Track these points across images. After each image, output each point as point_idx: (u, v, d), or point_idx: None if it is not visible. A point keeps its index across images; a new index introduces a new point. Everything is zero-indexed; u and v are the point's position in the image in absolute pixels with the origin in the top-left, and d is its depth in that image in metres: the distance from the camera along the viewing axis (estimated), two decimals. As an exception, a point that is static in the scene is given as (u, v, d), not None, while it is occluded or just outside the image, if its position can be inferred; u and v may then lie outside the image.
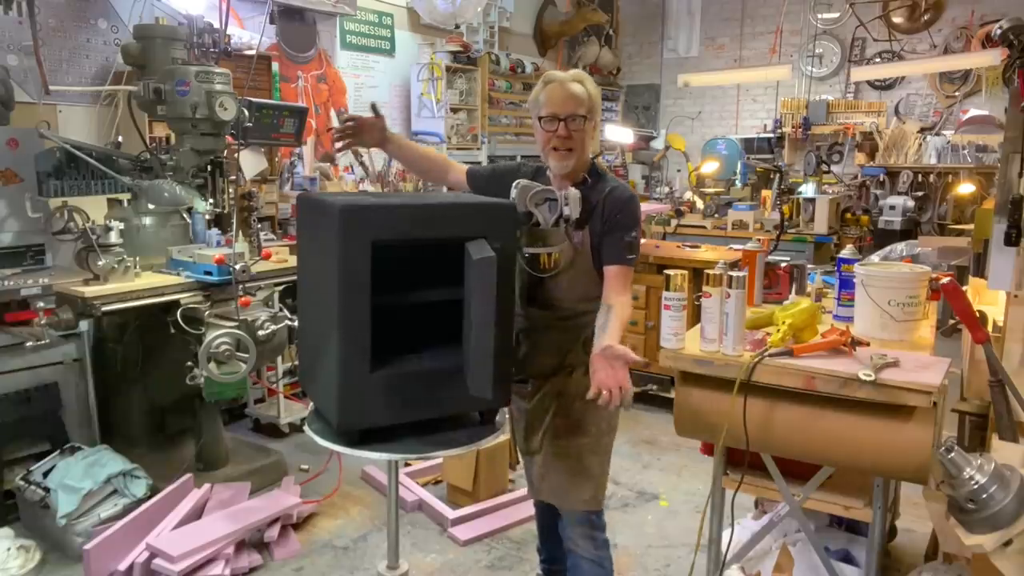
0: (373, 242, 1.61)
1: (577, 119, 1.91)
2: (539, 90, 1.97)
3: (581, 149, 1.94)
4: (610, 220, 1.92)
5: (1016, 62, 2.32)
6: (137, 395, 3.27)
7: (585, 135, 1.93)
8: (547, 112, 1.92)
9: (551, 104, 1.92)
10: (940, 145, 6.40)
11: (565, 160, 1.93)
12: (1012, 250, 2.34)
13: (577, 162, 1.94)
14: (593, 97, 1.94)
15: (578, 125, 1.91)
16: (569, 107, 1.90)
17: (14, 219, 3.09)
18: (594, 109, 1.95)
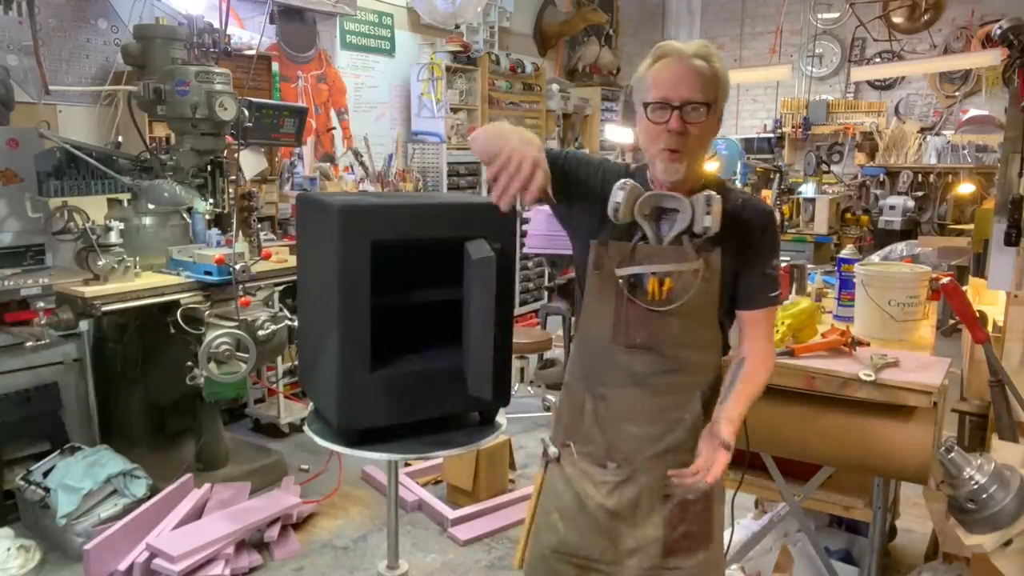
0: (373, 242, 1.61)
1: (697, 108, 1.37)
2: (646, 66, 1.42)
3: (698, 150, 1.43)
4: (749, 244, 1.45)
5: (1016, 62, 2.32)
6: (137, 395, 3.27)
7: (706, 131, 1.41)
8: (655, 96, 1.38)
9: (661, 85, 1.38)
10: (940, 145, 6.40)
11: (674, 163, 1.40)
12: (1012, 250, 2.35)
13: (689, 169, 1.42)
14: (720, 78, 1.40)
15: (697, 116, 1.37)
16: (684, 90, 1.36)
17: (14, 219, 3.09)
18: (720, 95, 1.41)
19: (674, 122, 1.37)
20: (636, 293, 1.46)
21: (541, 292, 6.29)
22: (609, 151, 7.51)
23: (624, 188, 1.42)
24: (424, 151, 5.59)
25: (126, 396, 3.29)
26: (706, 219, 1.38)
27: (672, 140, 1.38)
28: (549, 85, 6.70)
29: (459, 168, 5.66)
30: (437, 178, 5.53)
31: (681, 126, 1.37)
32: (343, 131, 5.28)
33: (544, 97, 6.56)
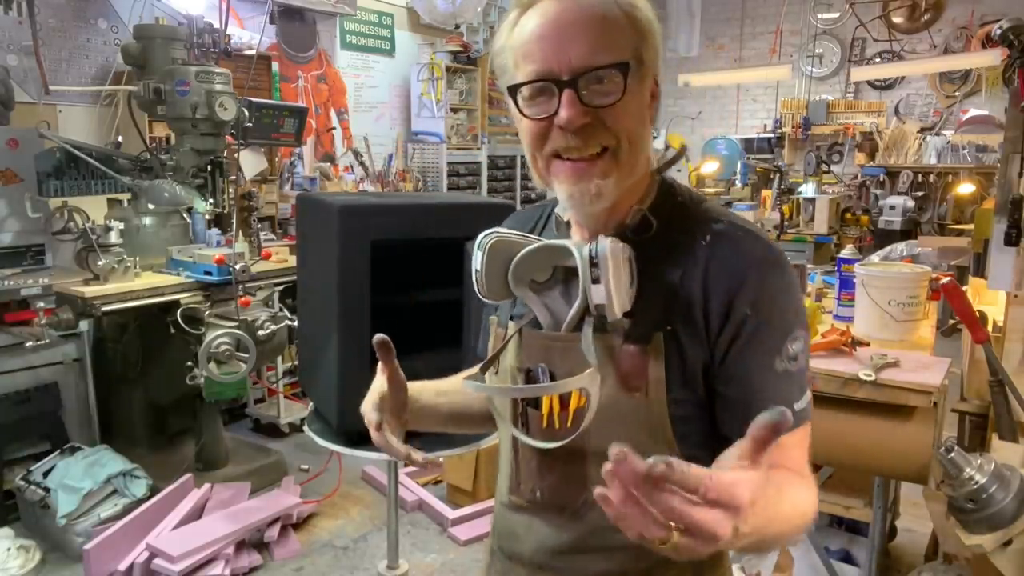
0: (373, 242, 1.61)
1: (606, 76, 0.82)
2: (507, 30, 0.88)
3: (628, 149, 0.86)
4: (728, 321, 0.85)
5: (1016, 62, 2.32)
6: (137, 395, 3.27)
7: (632, 112, 0.85)
8: (529, 72, 0.84)
9: (534, 51, 0.84)
10: (940, 145, 6.41)
11: (583, 181, 0.85)
12: (1012, 250, 2.35)
13: (617, 187, 0.86)
14: (638, 17, 0.86)
15: (607, 89, 0.83)
16: (575, 48, 0.82)
17: (14, 219, 3.09)
18: (644, 45, 0.86)
19: (567, 109, 0.81)
20: (529, 418, 0.94)
21: (541, 292, 6.28)
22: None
23: (483, 246, 0.91)
24: (424, 151, 5.59)
25: (126, 396, 3.29)
26: (594, 290, 0.83)
27: (573, 140, 0.83)
28: (549, 85, 6.69)
29: (459, 168, 5.66)
30: (437, 178, 5.53)
31: (581, 112, 0.81)
32: (343, 131, 5.29)
33: (544, 97, 6.56)
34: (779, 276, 0.87)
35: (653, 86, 0.91)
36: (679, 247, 0.88)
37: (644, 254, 0.87)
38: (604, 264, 0.83)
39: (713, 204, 0.95)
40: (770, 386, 0.84)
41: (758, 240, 0.88)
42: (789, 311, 0.87)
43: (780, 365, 0.84)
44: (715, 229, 0.88)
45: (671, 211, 0.91)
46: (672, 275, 0.87)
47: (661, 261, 0.88)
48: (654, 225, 0.90)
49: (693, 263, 0.86)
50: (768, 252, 0.87)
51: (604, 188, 0.85)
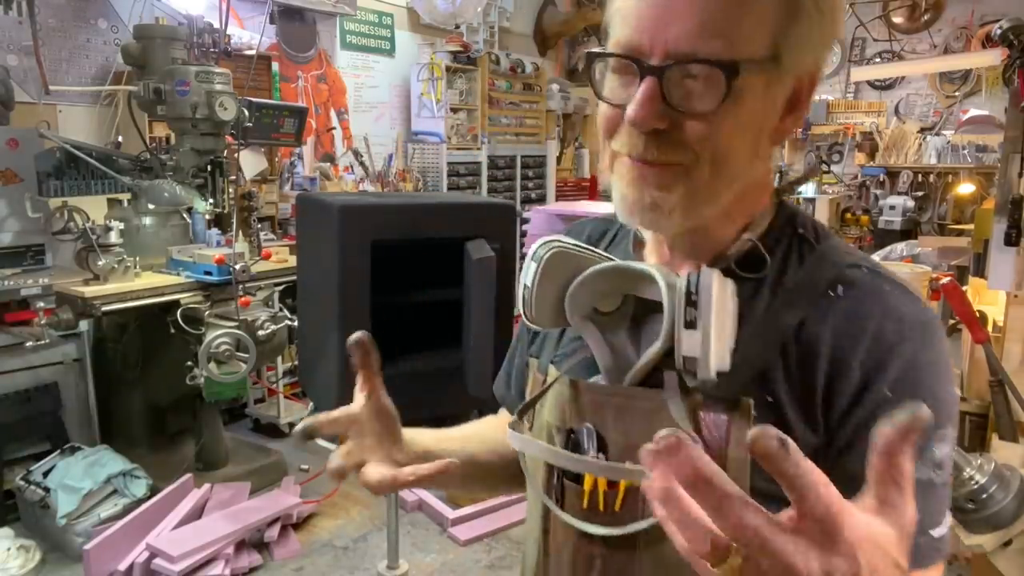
0: (373, 242, 1.61)
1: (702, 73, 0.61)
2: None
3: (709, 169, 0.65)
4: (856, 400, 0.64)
5: (1016, 62, 2.32)
6: (137, 395, 3.27)
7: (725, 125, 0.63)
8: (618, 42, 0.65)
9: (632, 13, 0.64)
10: (940, 145, 6.41)
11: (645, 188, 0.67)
12: (1012, 250, 2.35)
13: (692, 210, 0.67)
14: (795, 5, 0.62)
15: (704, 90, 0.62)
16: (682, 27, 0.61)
17: (14, 219, 3.09)
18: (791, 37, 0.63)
19: (640, 106, 0.62)
20: (565, 491, 0.74)
21: (541, 292, 6.28)
22: (609, 151, 7.52)
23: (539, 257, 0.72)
24: (424, 151, 5.59)
25: (126, 396, 3.29)
26: (686, 337, 0.63)
27: (639, 145, 0.65)
28: (549, 85, 6.70)
29: (459, 168, 5.66)
30: (437, 178, 5.53)
31: (656, 115, 0.63)
32: (343, 131, 5.28)
33: (544, 97, 6.56)
34: (933, 351, 0.66)
35: (798, 93, 0.67)
36: (797, 293, 0.68)
37: (747, 296, 0.68)
38: (706, 303, 0.62)
39: (843, 242, 0.73)
40: None
41: (909, 298, 0.66)
42: (941, 397, 0.65)
43: (922, 472, 0.61)
44: (851, 276, 0.67)
45: (789, 245, 0.71)
46: (783, 328, 0.66)
47: (769, 308, 0.68)
48: (768, 261, 0.69)
49: (817, 317, 0.66)
50: (923, 316, 0.66)
51: (662, 202, 0.66)
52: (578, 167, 7.25)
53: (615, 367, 0.72)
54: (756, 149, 0.67)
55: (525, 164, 6.31)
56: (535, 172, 6.44)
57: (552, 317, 0.74)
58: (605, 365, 0.73)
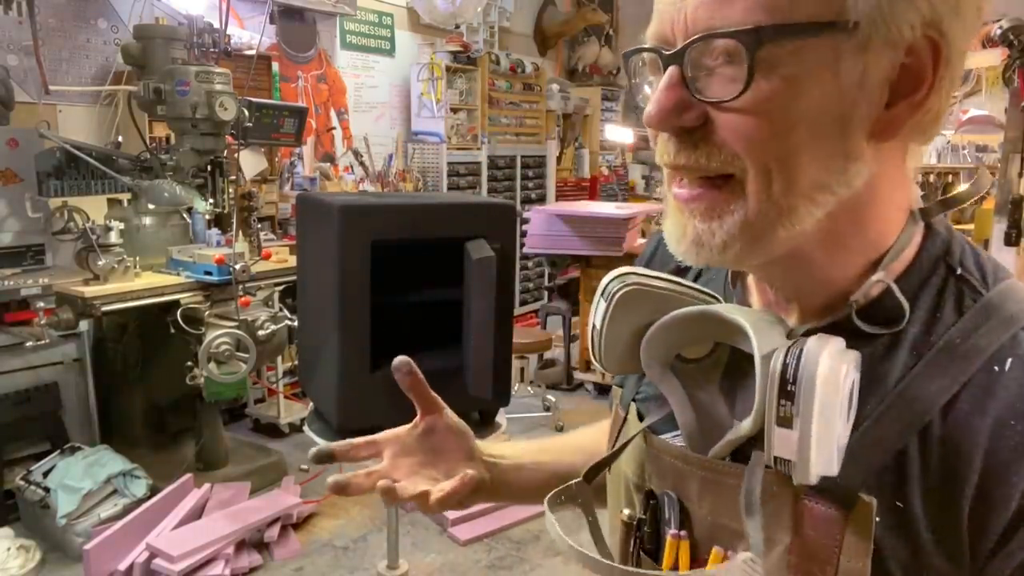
0: (373, 242, 1.61)
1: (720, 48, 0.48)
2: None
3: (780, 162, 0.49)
4: (998, 510, 0.46)
5: (1016, 62, 2.33)
6: (137, 395, 3.27)
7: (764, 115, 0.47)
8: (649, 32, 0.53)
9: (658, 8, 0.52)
10: (940, 145, 6.41)
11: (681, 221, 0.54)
12: (1012, 250, 2.35)
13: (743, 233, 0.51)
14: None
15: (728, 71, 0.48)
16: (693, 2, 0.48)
17: (14, 219, 3.09)
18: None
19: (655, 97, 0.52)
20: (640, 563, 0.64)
21: (541, 292, 6.29)
22: (609, 151, 7.52)
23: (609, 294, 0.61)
24: (424, 151, 5.59)
25: (126, 396, 3.29)
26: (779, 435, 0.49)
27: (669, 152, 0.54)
28: (549, 85, 6.70)
29: (459, 168, 5.66)
30: (437, 178, 5.53)
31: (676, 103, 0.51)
32: (343, 131, 5.28)
33: (544, 97, 6.56)
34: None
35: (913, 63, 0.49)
36: (950, 358, 0.51)
37: (877, 358, 0.53)
38: (807, 398, 0.47)
39: (1017, 283, 0.54)
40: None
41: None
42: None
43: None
44: (1020, 344, 0.50)
45: (942, 290, 0.54)
46: (926, 407, 0.50)
47: (908, 377, 0.51)
48: (906, 313, 0.53)
49: (973, 396, 0.49)
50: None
51: (707, 237, 0.52)
52: (578, 167, 7.25)
53: (699, 430, 0.59)
54: (843, 148, 0.50)
55: (525, 164, 6.31)
56: (535, 172, 6.44)
57: (625, 363, 0.62)
58: (687, 427, 0.60)
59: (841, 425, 0.48)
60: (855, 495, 0.50)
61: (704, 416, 0.59)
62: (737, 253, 0.52)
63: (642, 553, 0.64)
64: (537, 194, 6.43)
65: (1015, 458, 0.47)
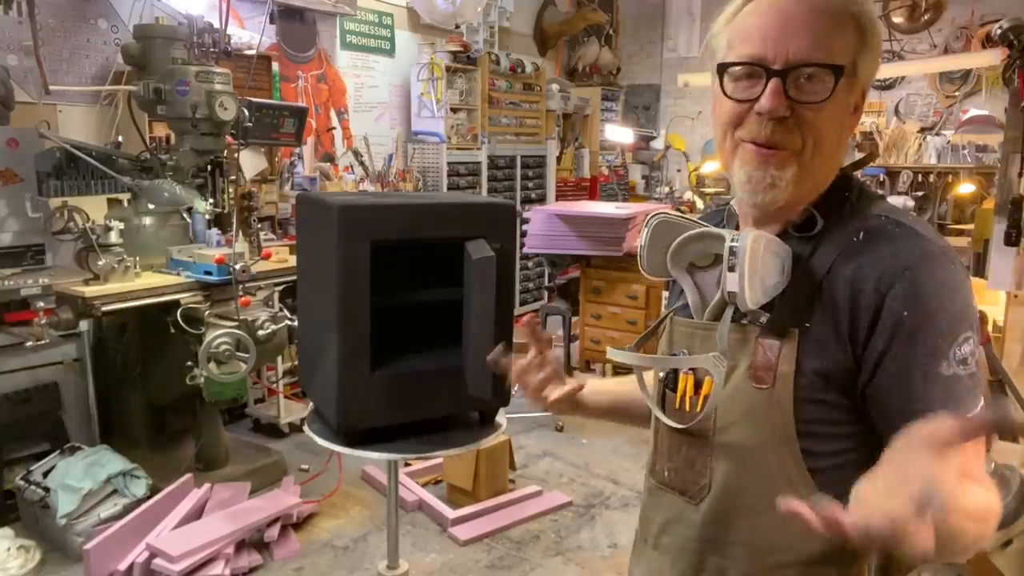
0: (373, 242, 1.61)
1: (817, 75, 0.84)
2: (730, 13, 0.92)
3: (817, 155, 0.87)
4: (875, 322, 0.82)
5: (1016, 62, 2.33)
6: (137, 395, 3.27)
7: (832, 119, 0.87)
8: (741, 53, 0.87)
9: (752, 35, 0.86)
10: (940, 145, 6.40)
11: (766, 168, 0.87)
12: (1012, 250, 2.35)
13: (798, 187, 0.88)
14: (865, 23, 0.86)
15: (816, 88, 0.84)
16: (794, 42, 0.84)
17: (14, 219, 3.09)
18: (862, 53, 0.87)
19: (770, 98, 0.83)
20: (665, 399, 0.99)
21: (541, 292, 6.29)
22: (609, 151, 7.52)
23: (649, 225, 0.99)
24: (424, 151, 5.59)
25: (126, 396, 3.29)
26: (729, 277, 0.87)
27: (766, 129, 0.85)
28: (549, 85, 6.70)
29: (459, 168, 5.66)
30: (437, 178, 5.53)
31: (784, 105, 0.83)
32: (343, 131, 5.28)
33: (544, 97, 6.56)
34: (940, 271, 0.82)
35: (859, 99, 0.90)
36: (833, 243, 0.87)
37: (805, 252, 0.89)
38: (742, 253, 0.85)
39: (884, 201, 0.92)
40: (938, 392, 0.80)
41: (914, 234, 0.84)
42: (954, 309, 0.81)
43: (948, 369, 0.80)
44: (869, 224, 0.86)
45: (839, 207, 0.90)
46: (819, 271, 0.86)
47: (814, 258, 0.88)
48: (818, 223, 0.89)
49: (842, 260, 0.85)
50: (925, 246, 0.83)
51: (779, 180, 0.87)
52: (578, 167, 7.25)
53: (701, 306, 0.98)
54: (841, 139, 0.89)
55: (525, 164, 6.31)
56: (535, 172, 6.44)
57: (659, 270, 1.00)
58: (693, 303, 0.98)
59: (764, 272, 0.86)
60: (786, 328, 0.86)
61: (703, 297, 0.98)
62: (790, 192, 0.88)
63: (667, 391, 0.99)
64: (537, 194, 6.43)
65: (867, 283, 0.82)
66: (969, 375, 0.81)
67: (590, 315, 4.62)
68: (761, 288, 0.86)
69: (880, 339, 0.82)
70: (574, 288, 4.77)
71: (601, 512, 3.21)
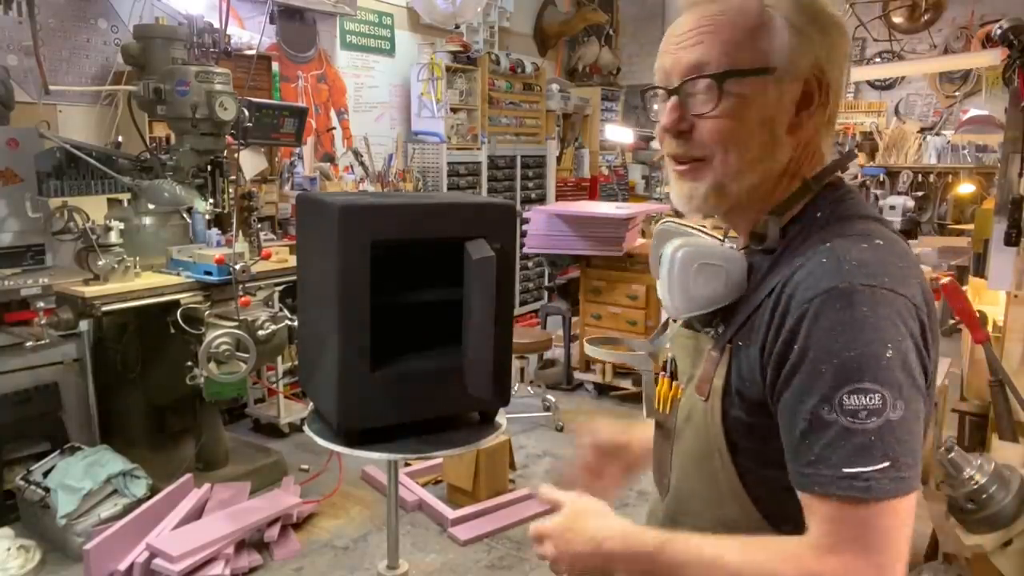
0: (373, 242, 1.61)
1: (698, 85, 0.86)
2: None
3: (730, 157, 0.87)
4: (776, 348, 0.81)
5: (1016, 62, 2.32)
6: (137, 395, 3.27)
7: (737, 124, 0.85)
8: (654, 76, 0.93)
9: (662, 57, 0.91)
10: (940, 145, 6.41)
11: (682, 180, 0.91)
12: (1012, 250, 2.35)
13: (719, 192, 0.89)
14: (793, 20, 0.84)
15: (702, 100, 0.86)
16: (680, 57, 0.88)
17: (14, 219, 3.09)
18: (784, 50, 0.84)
19: (665, 115, 0.89)
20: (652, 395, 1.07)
21: (541, 292, 6.29)
22: (609, 151, 7.52)
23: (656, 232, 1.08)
24: (424, 151, 5.59)
25: (126, 396, 3.29)
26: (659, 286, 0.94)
27: (671, 145, 0.90)
28: (549, 85, 6.70)
29: (459, 168, 5.66)
30: (437, 178, 5.53)
31: (679, 119, 0.87)
32: (343, 131, 5.29)
33: (544, 97, 6.56)
34: (842, 312, 0.76)
35: (812, 87, 0.86)
36: (786, 264, 0.84)
37: (762, 266, 0.88)
38: (665, 263, 0.90)
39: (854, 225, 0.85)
40: (816, 434, 0.76)
41: (838, 268, 0.78)
42: (846, 356, 0.75)
43: (829, 414, 0.75)
44: (814, 251, 0.82)
45: (807, 226, 0.87)
46: (762, 293, 0.85)
47: (770, 276, 0.86)
48: (770, 238, 0.88)
49: (784, 283, 0.82)
50: (841, 285, 0.76)
51: (694, 191, 0.90)
52: (578, 167, 7.25)
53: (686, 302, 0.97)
54: (773, 139, 0.87)
55: (525, 164, 6.31)
56: (535, 172, 6.44)
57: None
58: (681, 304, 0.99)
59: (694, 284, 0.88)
60: (725, 343, 0.88)
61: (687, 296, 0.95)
62: (713, 201, 0.90)
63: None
64: (537, 194, 6.42)
65: (789, 316, 0.79)
66: (861, 429, 0.73)
67: (590, 315, 4.62)
68: (684, 299, 0.89)
69: (776, 367, 0.80)
70: (574, 288, 4.77)
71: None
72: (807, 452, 0.76)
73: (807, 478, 0.76)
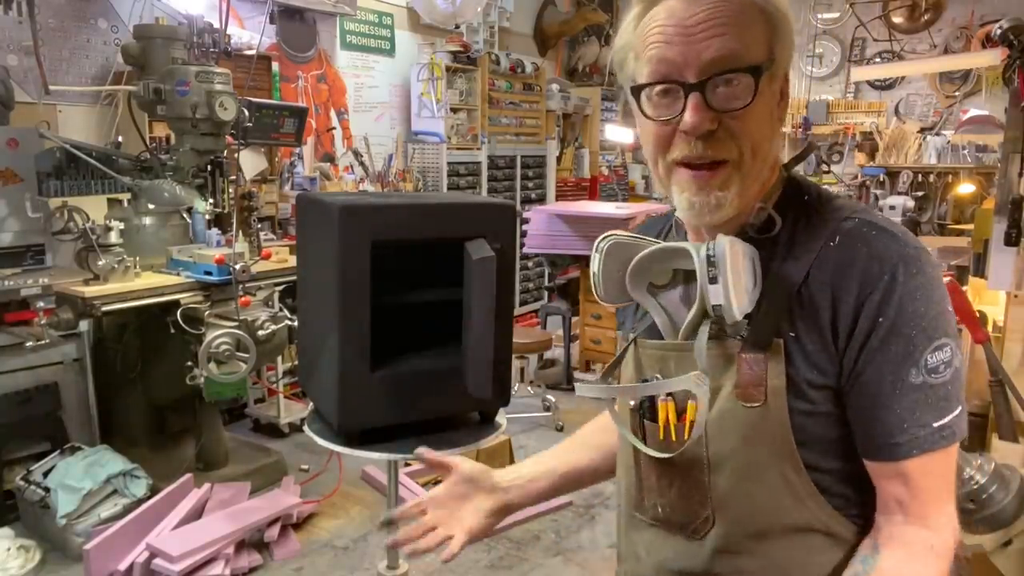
0: (373, 242, 1.61)
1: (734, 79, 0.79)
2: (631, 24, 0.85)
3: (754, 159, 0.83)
4: (855, 327, 0.80)
5: (1016, 62, 2.33)
6: (137, 395, 3.27)
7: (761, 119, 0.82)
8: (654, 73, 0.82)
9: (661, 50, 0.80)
10: (940, 145, 6.41)
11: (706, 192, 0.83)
12: (1012, 250, 2.35)
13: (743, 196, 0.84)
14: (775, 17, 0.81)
15: (737, 93, 0.80)
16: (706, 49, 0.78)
17: (14, 219, 3.09)
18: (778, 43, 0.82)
19: (692, 114, 0.78)
20: (646, 430, 0.93)
21: (541, 292, 6.29)
22: (609, 151, 7.52)
23: (600, 249, 0.91)
24: (424, 151, 5.59)
25: (126, 396, 3.29)
26: (711, 290, 0.81)
27: (696, 147, 0.80)
28: (549, 85, 6.70)
29: (459, 168, 5.66)
30: (437, 178, 5.53)
31: (709, 118, 0.79)
32: (343, 131, 5.28)
33: (544, 97, 6.56)
34: (916, 276, 0.79)
35: (783, 83, 0.86)
36: (805, 247, 0.83)
37: (767, 255, 0.85)
38: (722, 262, 0.80)
39: (846, 201, 0.88)
40: (904, 399, 0.78)
41: (893, 237, 0.81)
42: (928, 316, 0.79)
43: (916, 377, 0.78)
44: (844, 228, 0.82)
45: (797, 209, 0.86)
46: (796, 277, 0.82)
47: (784, 262, 0.84)
48: (778, 224, 0.85)
49: (819, 265, 0.81)
50: (904, 249, 0.80)
51: (723, 200, 0.83)
52: (578, 167, 7.25)
53: (672, 327, 0.91)
54: (773, 132, 0.85)
55: (525, 164, 6.31)
56: (535, 172, 6.44)
57: (618, 295, 0.93)
58: (664, 327, 0.92)
59: (747, 278, 0.81)
60: (770, 340, 0.82)
61: (673, 318, 0.91)
62: (736, 207, 0.84)
63: (645, 421, 0.92)
64: (537, 194, 6.43)
65: (846, 291, 0.79)
66: (941, 383, 0.79)
67: (590, 315, 4.62)
68: (747, 297, 0.81)
69: (857, 344, 0.80)
70: (574, 288, 4.78)
71: (601, 512, 3.21)
72: (898, 421, 0.79)
73: (901, 447, 0.79)
